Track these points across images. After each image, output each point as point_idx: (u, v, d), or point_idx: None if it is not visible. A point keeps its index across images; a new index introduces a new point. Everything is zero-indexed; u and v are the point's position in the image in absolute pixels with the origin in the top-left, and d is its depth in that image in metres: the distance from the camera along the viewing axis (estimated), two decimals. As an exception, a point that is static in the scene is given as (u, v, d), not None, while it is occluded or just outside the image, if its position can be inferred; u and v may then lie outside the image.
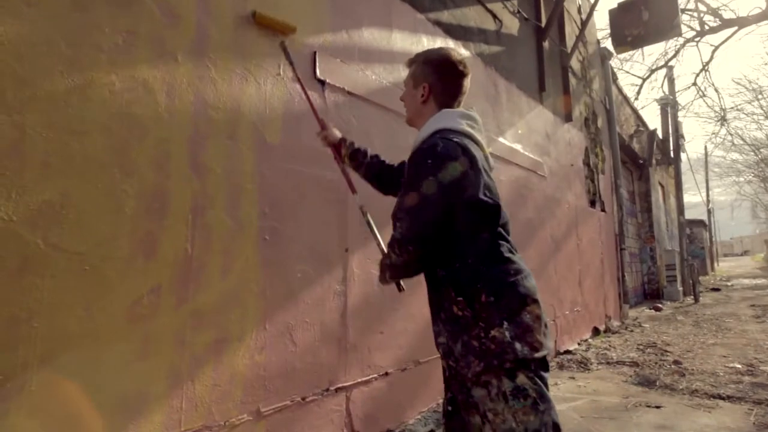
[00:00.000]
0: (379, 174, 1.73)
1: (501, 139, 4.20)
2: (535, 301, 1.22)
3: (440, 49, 1.47)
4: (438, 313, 1.28)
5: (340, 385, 2.32)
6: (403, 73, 3.02)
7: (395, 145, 2.90)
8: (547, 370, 1.21)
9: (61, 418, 1.37)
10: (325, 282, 2.32)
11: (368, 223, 1.67)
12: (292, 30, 2.22)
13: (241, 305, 1.91)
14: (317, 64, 2.38)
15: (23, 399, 1.30)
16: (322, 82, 2.42)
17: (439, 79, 1.40)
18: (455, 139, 1.26)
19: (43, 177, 1.39)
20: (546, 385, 1.20)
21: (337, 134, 1.82)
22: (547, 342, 1.21)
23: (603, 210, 7.04)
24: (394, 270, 1.30)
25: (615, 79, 8.97)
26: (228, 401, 1.82)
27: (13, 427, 1.27)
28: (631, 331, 6.64)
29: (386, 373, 2.64)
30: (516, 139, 4.50)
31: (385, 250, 1.32)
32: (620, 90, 9.67)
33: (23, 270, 1.33)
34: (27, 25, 1.39)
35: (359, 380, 2.44)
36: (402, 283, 1.48)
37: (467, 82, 1.43)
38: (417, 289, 2.86)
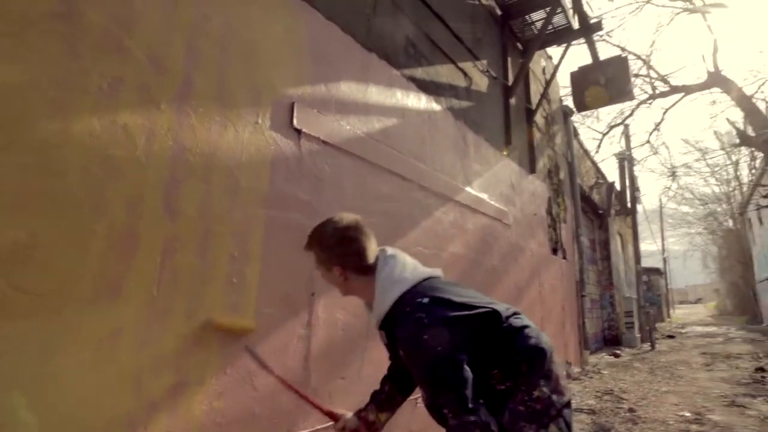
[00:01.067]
0: (397, 393, 1.72)
1: (468, 189, 4.36)
2: (553, 352, 1.36)
3: (324, 223, 1.50)
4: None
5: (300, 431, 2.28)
6: (377, 125, 3.18)
7: (367, 193, 2.99)
8: (571, 426, 1.31)
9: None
10: (289, 326, 2.32)
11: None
12: (250, 330, 2.09)
13: (204, 348, 1.90)
14: (294, 113, 2.48)
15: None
16: (299, 131, 2.50)
17: (343, 254, 1.44)
18: (424, 300, 1.30)
19: (13, 216, 1.39)
20: (570, 426, 1.30)
21: (350, 416, 1.66)
22: (565, 382, 1.35)
23: (564, 257, 7.27)
24: None
25: (576, 134, 9.49)
26: (184, 448, 1.77)
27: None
28: (591, 377, 6.75)
29: None
30: (483, 188, 4.68)
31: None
32: (581, 144, 10.21)
33: (-16, 310, 1.31)
34: (16, 70, 1.43)
35: (319, 427, 2.40)
36: None
37: (364, 237, 1.47)
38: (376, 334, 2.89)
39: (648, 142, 12.91)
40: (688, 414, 4.37)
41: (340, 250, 1.45)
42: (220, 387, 1.94)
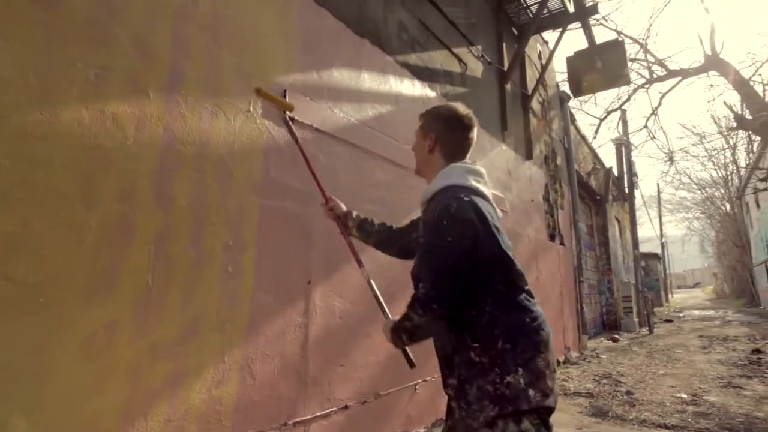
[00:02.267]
0: (389, 239, 1.76)
1: (464, 176, 4.32)
2: (548, 348, 1.27)
3: (448, 104, 1.57)
4: (451, 356, 1.31)
5: (298, 419, 2.30)
6: (371, 112, 3.15)
7: (361, 181, 2.98)
8: (549, 416, 1.24)
9: (4, 456, 1.32)
10: (286, 314, 2.33)
11: (373, 292, 1.68)
12: (290, 108, 2.27)
13: (201, 337, 1.90)
14: (287, 101, 2.45)
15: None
16: (292, 119, 2.48)
17: (446, 130, 1.50)
18: (466, 198, 1.32)
19: (2, 207, 1.38)
20: None
21: (343, 207, 1.84)
22: (554, 386, 1.26)
23: (562, 244, 7.29)
24: (417, 330, 1.28)
25: (573, 120, 9.46)
26: (182, 436, 1.78)
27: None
28: (589, 362, 6.79)
29: (346, 407, 2.63)
30: (479, 175, 4.65)
31: (392, 314, 1.33)
32: (578, 130, 10.18)
33: (-25, 302, 1.30)
34: (1, 59, 1.41)
35: (318, 414, 2.43)
36: (413, 357, 1.49)
37: (473, 134, 1.53)
38: (379, 319, 2.89)
39: (645, 127, 12.93)
40: (684, 395, 4.42)
41: (448, 128, 1.50)
42: (219, 375, 1.95)
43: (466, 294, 1.26)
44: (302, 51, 2.64)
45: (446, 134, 1.50)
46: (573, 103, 9.97)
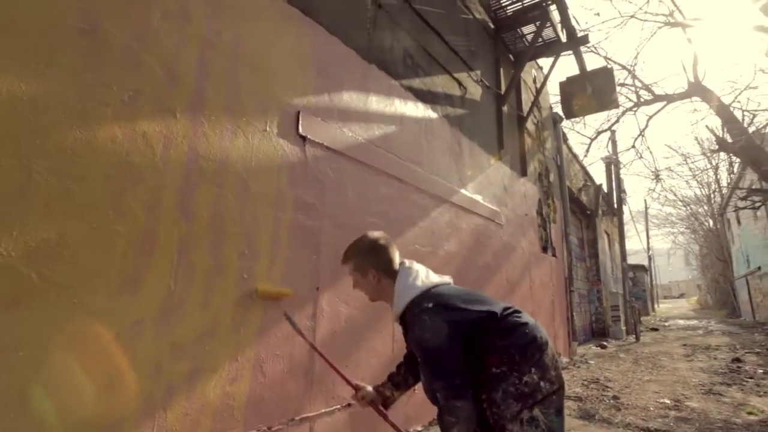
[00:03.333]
0: (408, 376, 1.83)
1: (463, 191, 4.39)
2: (548, 345, 1.48)
3: (361, 238, 1.72)
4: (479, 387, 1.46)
5: (304, 416, 2.32)
6: (377, 131, 3.21)
7: (367, 195, 3.02)
8: (561, 411, 1.42)
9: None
10: (295, 318, 2.35)
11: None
12: (287, 295, 2.30)
13: (217, 338, 1.94)
14: (300, 121, 2.52)
15: None
16: (304, 138, 2.54)
17: (376, 259, 1.66)
18: (428, 305, 1.47)
19: (43, 217, 1.43)
20: (558, 425, 1.40)
21: (370, 390, 1.81)
22: (558, 373, 1.46)
23: (554, 255, 7.29)
24: (463, 428, 1.37)
25: (565, 139, 9.50)
26: (198, 430, 1.81)
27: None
28: (578, 367, 6.75)
29: (348, 405, 2.64)
30: (476, 190, 4.71)
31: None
32: (570, 149, 10.22)
33: (16, 302, 1.35)
34: (44, 82, 1.47)
35: (323, 411, 2.45)
36: None
37: (390, 245, 1.70)
38: (382, 327, 2.93)
39: (633, 147, 12.84)
40: (668, 401, 4.39)
41: (375, 256, 1.66)
42: (233, 373, 1.99)
43: (475, 358, 1.43)
44: (315, 75, 2.70)
45: (378, 262, 1.66)
46: (565, 124, 10.02)
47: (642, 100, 10.84)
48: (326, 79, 2.79)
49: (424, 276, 1.63)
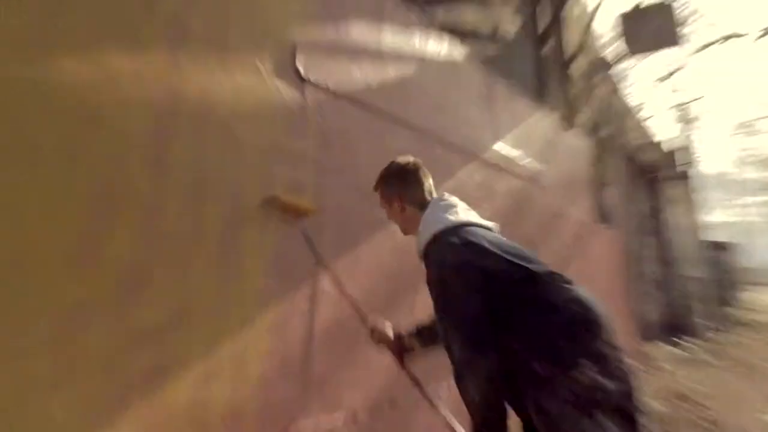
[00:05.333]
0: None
1: (497, 146, 4.29)
2: (607, 327, 1.35)
3: (389, 164, 1.87)
4: (513, 378, 1.38)
5: (299, 427, 2.25)
6: (392, 72, 3.11)
7: (383, 149, 2.94)
8: (633, 419, 1.27)
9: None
10: (288, 300, 2.28)
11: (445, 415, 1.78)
12: (312, 212, 2.33)
13: (190, 325, 1.86)
14: (299, 59, 2.43)
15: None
16: (304, 80, 2.46)
17: (402, 186, 1.78)
18: (451, 239, 1.51)
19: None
20: (635, 422, 1.26)
21: (388, 328, 1.90)
22: (626, 367, 1.31)
23: (612, 227, 7.14)
24: (486, 390, 1.33)
25: (624, 84, 9.18)
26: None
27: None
28: (651, 374, 6.44)
29: (355, 415, 2.57)
30: (514, 145, 4.60)
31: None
32: (629, 96, 9.88)
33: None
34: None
35: (322, 422, 2.37)
36: None
37: (423, 174, 1.81)
38: (402, 313, 2.87)
39: (709, 93, 12.35)
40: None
41: (401, 183, 1.78)
42: (207, 370, 1.88)
43: (502, 324, 1.35)
44: (317, 2, 2.60)
45: (404, 189, 1.77)
46: (624, 66, 9.64)
47: (718, 37, 10.34)
48: (331, 7, 2.69)
49: (463, 212, 1.66)
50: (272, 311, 2.21)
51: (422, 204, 1.71)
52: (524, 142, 4.81)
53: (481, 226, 1.63)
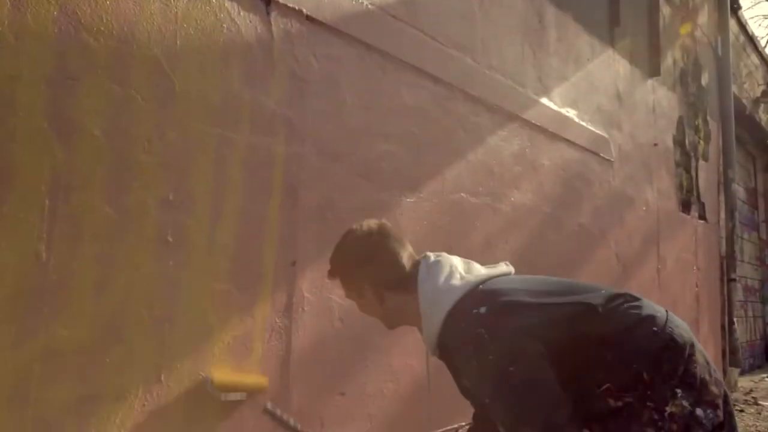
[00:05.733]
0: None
1: (545, 101, 4.32)
2: (694, 347, 1.50)
3: (343, 238, 1.81)
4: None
5: None
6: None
7: (378, 104, 2.99)
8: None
9: None
10: (257, 311, 2.38)
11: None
12: (262, 389, 2.34)
13: (124, 342, 1.95)
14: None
15: None
16: (267, 2, 2.48)
17: (373, 268, 1.72)
18: (478, 311, 1.52)
19: None
20: None
21: None
22: (721, 388, 1.49)
23: (703, 217, 7.20)
24: None
25: (737, 7, 9.12)
26: None
27: None
28: (741, 410, 6.70)
29: None
30: (568, 101, 4.62)
31: None
32: (744, 25, 9.81)
33: None
34: None
35: None
36: None
37: (394, 240, 1.78)
38: (403, 329, 2.94)
39: None
40: None
41: (369, 264, 1.73)
42: (151, 401, 2.01)
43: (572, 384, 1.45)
44: None
45: (376, 271, 1.72)
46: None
47: None
48: None
49: (465, 270, 1.68)
50: (232, 326, 2.28)
51: (403, 283, 1.70)
52: (584, 95, 4.83)
53: (494, 276, 1.70)
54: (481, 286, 1.61)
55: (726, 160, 8.08)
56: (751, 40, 10.44)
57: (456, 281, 1.62)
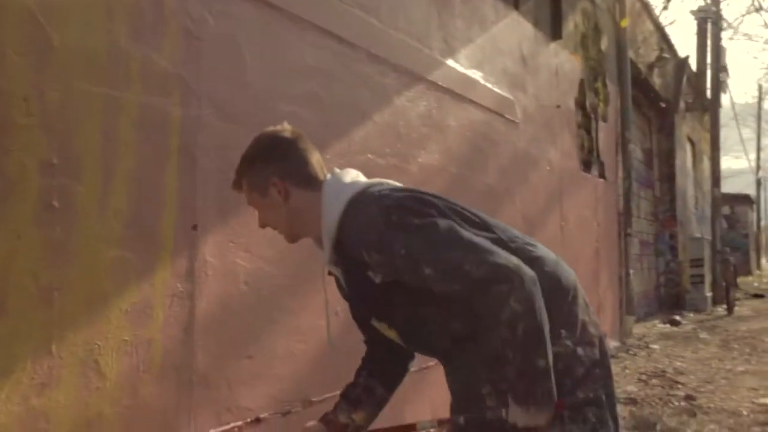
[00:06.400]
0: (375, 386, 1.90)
1: (451, 62, 4.34)
2: (577, 290, 1.60)
3: (254, 139, 1.80)
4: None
5: None
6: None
7: (280, 64, 2.95)
8: (612, 394, 1.60)
9: None
10: (157, 278, 2.33)
11: None
12: None
13: (10, 315, 1.86)
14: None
15: None
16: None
17: (282, 161, 1.71)
18: (376, 192, 1.58)
19: None
20: (609, 393, 1.58)
21: (312, 425, 1.88)
22: (599, 332, 1.61)
23: (602, 176, 7.49)
24: (528, 337, 1.38)
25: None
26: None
27: None
28: (634, 354, 7.19)
29: (258, 419, 2.70)
30: (474, 63, 4.66)
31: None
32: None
33: None
34: None
35: (211, 430, 2.49)
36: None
37: (307, 144, 1.78)
38: (310, 289, 2.93)
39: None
40: (770, 401, 4.75)
41: (280, 157, 1.71)
42: (43, 374, 1.93)
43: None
44: None
45: (285, 165, 1.71)
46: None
47: None
48: None
49: (374, 179, 1.74)
50: (128, 295, 2.22)
51: (315, 182, 1.70)
52: (489, 57, 4.88)
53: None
54: (380, 187, 1.64)
55: (624, 122, 8.40)
56: (646, 6, 10.83)
57: (362, 179, 1.69)
